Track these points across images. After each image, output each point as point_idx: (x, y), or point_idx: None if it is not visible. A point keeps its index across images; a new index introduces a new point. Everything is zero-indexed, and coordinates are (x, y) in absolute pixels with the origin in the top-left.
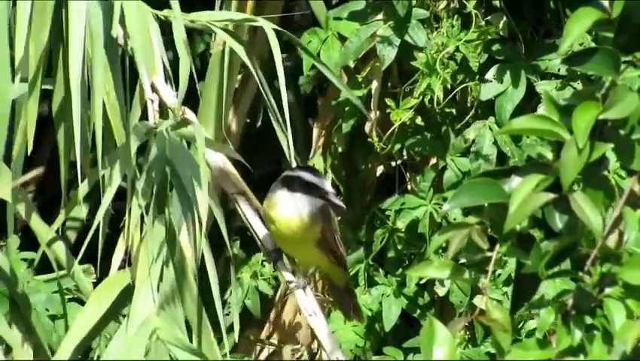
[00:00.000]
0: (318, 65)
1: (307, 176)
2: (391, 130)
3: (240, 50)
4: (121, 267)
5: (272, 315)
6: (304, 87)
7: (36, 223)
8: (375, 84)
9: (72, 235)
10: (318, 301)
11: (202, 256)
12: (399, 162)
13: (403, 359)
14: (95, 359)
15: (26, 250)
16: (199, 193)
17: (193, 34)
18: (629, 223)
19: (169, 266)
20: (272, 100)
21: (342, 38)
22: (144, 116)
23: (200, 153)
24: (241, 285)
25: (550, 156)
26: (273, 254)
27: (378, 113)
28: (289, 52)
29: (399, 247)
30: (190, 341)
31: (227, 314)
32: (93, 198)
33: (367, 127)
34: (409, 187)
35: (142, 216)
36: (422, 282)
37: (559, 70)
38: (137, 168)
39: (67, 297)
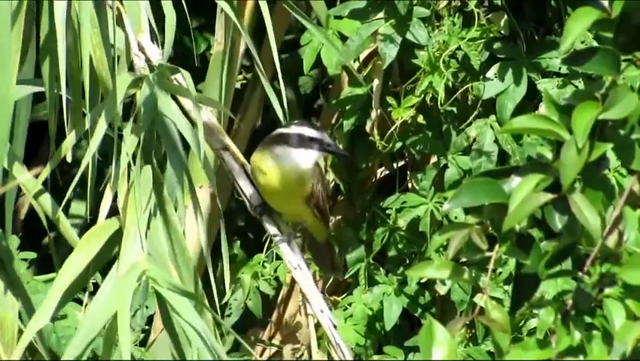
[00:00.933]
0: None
1: (308, 131)
2: (392, 128)
3: (228, 9)
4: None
5: (275, 315)
6: (304, 87)
7: (23, 178)
8: (376, 82)
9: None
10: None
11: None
12: (401, 163)
13: (403, 358)
14: (85, 305)
15: (26, 250)
16: (190, 142)
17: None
18: (629, 223)
19: (157, 215)
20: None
21: (343, 37)
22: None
23: (192, 95)
24: (242, 286)
25: (549, 155)
26: (259, 208)
27: (379, 111)
28: (289, 52)
29: (400, 245)
30: None
31: (229, 315)
32: (94, 199)
33: (368, 125)
34: (410, 186)
35: (129, 168)
36: (422, 281)
37: (560, 68)
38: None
39: None
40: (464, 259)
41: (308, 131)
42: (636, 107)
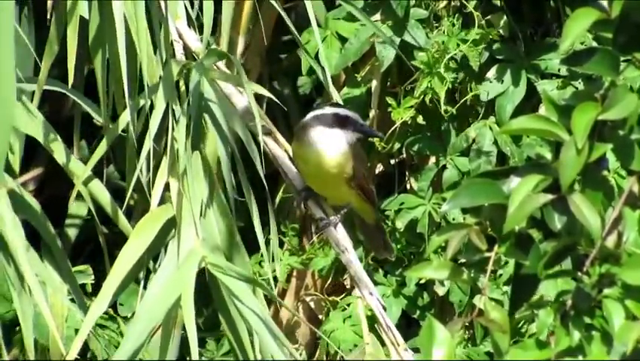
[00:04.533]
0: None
1: (343, 111)
2: (392, 129)
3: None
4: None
5: (270, 312)
6: (303, 88)
7: (73, 164)
8: (374, 83)
9: (73, 233)
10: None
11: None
12: (397, 160)
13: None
14: (142, 290)
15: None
16: (236, 127)
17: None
18: (628, 224)
19: (209, 200)
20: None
21: (341, 38)
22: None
23: (243, 79)
24: None
25: (549, 156)
26: (303, 193)
27: (378, 112)
28: (288, 52)
29: (399, 246)
30: None
31: None
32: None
33: None
34: (408, 186)
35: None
36: (421, 282)
37: (559, 70)
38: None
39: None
40: (462, 260)
41: (343, 111)
42: (635, 107)
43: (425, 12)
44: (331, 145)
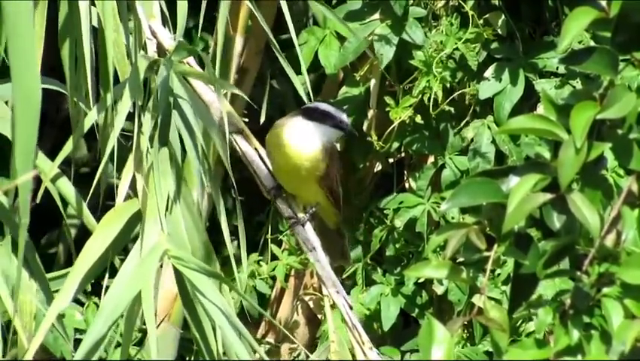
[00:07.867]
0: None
1: (324, 106)
2: (390, 128)
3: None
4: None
5: (268, 314)
6: (302, 87)
7: (40, 161)
8: (373, 82)
9: (72, 232)
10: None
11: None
12: (395, 159)
13: (400, 358)
14: (105, 286)
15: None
16: (206, 124)
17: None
18: (627, 223)
19: (176, 196)
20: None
21: (340, 37)
22: None
23: (214, 76)
24: (240, 285)
25: (547, 155)
26: (273, 191)
27: (376, 111)
28: (287, 52)
29: (397, 245)
30: None
31: None
32: (91, 200)
33: (366, 125)
34: (407, 186)
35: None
36: (420, 281)
37: (557, 68)
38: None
39: None
40: (461, 259)
41: (326, 107)
42: (634, 106)
43: (423, 11)
44: (309, 137)
